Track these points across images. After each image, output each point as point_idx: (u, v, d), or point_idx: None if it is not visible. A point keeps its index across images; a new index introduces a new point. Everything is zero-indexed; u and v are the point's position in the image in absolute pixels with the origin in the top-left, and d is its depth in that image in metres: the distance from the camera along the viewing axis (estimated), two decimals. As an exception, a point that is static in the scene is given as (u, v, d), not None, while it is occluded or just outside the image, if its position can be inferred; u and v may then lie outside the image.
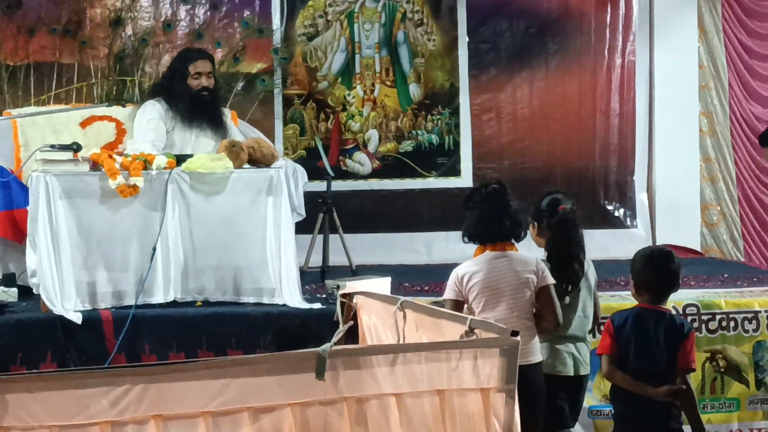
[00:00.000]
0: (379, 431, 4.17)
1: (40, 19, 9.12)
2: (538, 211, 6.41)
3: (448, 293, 6.10)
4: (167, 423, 3.86)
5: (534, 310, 5.97)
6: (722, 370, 7.29)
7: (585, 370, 6.25)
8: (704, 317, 7.24)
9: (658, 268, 5.76)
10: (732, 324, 7.31)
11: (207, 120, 7.97)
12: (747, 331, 7.31)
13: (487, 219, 6.03)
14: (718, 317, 7.29)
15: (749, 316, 7.34)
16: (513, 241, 6.07)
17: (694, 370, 5.72)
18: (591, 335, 6.52)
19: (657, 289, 5.75)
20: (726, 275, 8.51)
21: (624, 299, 7.11)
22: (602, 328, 6.14)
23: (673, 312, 5.90)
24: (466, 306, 6.00)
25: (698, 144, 10.35)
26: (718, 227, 10.39)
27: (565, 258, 6.22)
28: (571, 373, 6.19)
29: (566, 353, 6.18)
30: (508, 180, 9.19)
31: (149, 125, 7.85)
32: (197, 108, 7.93)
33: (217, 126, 8.03)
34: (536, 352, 5.99)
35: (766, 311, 7.36)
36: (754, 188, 10.37)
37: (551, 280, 5.99)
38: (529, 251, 6.19)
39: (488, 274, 5.97)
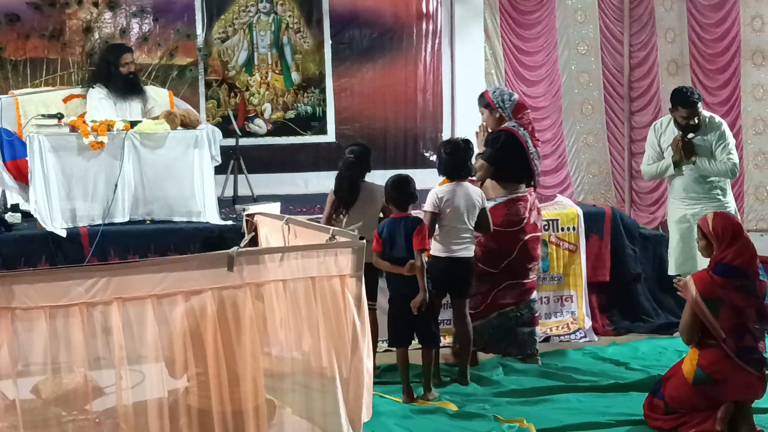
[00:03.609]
0: (272, 304, 4.17)
1: (33, 27, 8.80)
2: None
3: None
4: (125, 303, 3.80)
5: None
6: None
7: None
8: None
9: (399, 189, 5.86)
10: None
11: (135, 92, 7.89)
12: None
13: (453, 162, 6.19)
14: (497, 225, 7.34)
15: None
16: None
17: (425, 249, 5.82)
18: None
19: (400, 203, 5.85)
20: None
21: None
22: None
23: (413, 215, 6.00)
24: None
25: (484, 111, 10.41)
26: (497, 167, 10.50)
27: (351, 190, 6.30)
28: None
29: None
30: (360, 136, 9.33)
31: (101, 104, 7.74)
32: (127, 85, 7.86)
33: (141, 94, 7.93)
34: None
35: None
36: (521, 140, 10.49)
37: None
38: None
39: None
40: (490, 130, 6.80)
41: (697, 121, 6.80)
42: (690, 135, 6.81)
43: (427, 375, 5.90)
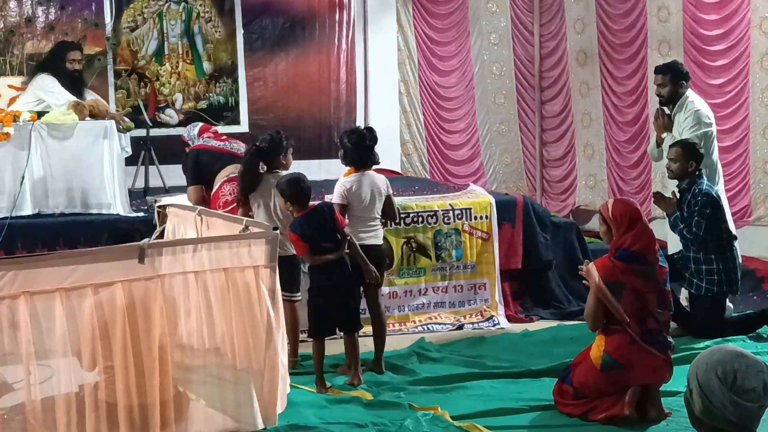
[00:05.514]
0: (183, 296, 4.15)
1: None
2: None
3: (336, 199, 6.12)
4: (33, 297, 3.75)
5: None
6: (414, 249, 7.40)
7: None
8: (403, 215, 7.31)
9: (295, 187, 5.80)
10: (420, 219, 7.41)
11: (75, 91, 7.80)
12: (430, 224, 7.43)
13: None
14: (411, 215, 7.39)
15: (431, 213, 7.45)
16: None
17: (346, 224, 5.83)
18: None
19: (303, 200, 5.80)
20: (417, 187, 8.62)
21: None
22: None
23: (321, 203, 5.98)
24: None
25: (398, 101, 10.48)
26: (412, 156, 10.57)
27: (250, 177, 6.21)
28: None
29: None
30: (273, 127, 9.27)
31: (55, 85, 7.64)
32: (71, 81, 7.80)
33: (81, 96, 7.83)
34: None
35: (441, 210, 7.49)
36: (435, 129, 10.58)
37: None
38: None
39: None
40: None
41: (665, 93, 7.07)
42: (665, 108, 7.12)
43: (356, 360, 5.91)
